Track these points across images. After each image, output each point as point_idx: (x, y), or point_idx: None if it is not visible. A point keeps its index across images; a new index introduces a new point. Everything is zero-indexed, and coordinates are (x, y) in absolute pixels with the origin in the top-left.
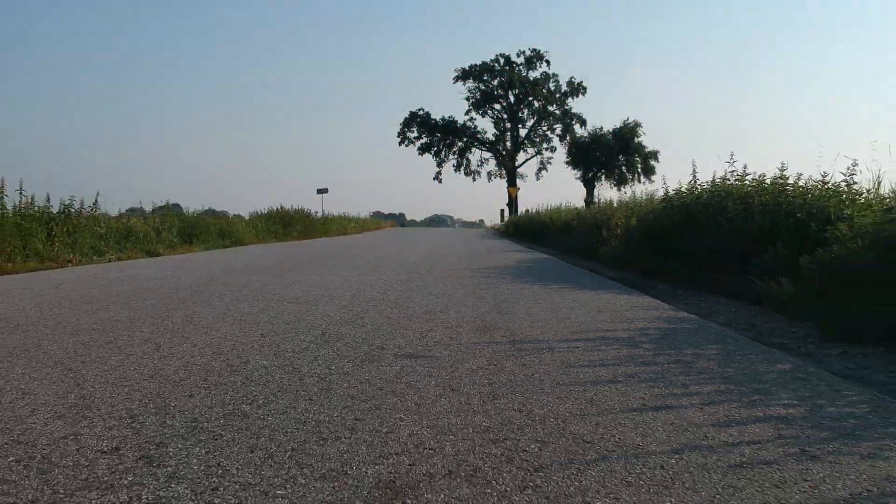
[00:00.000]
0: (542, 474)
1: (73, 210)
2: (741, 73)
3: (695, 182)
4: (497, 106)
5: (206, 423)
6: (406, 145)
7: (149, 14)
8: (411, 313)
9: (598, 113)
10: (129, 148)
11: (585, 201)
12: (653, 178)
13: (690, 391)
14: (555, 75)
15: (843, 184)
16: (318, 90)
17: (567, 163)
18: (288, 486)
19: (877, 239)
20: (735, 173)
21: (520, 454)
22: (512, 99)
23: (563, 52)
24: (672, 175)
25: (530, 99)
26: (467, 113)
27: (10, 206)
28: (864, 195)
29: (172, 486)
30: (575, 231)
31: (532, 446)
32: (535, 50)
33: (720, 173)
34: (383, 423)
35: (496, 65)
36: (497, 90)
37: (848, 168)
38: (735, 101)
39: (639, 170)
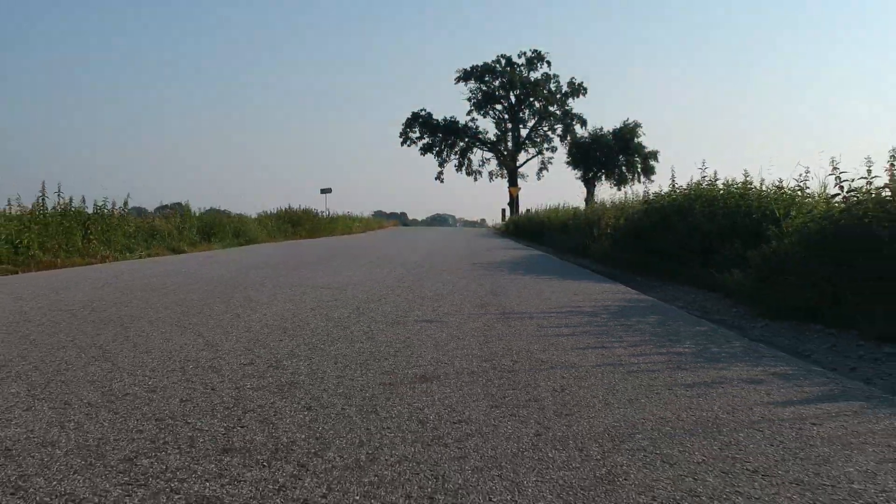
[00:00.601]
0: (511, 373)
1: (106, 210)
2: (741, 73)
3: (673, 186)
4: (498, 106)
5: (299, 353)
6: (408, 145)
7: (149, 14)
8: (423, 295)
9: (599, 113)
10: (129, 148)
11: (585, 201)
12: (652, 177)
13: (623, 340)
14: (555, 76)
15: (798, 189)
16: (317, 90)
17: (567, 163)
18: (363, 377)
19: (801, 236)
20: (707, 179)
21: (500, 365)
22: (513, 99)
23: (563, 53)
24: (670, 175)
25: (531, 99)
26: (469, 113)
27: (49, 207)
28: (812, 199)
29: (296, 377)
30: (570, 230)
31: (508, 363)
32: (535, 51)
33: (700, 178)
34: (413, 352)
35: (497, 65)
36: (498, 91)
37: (800, 175)
38: (735, 101)
39: (639, 170)
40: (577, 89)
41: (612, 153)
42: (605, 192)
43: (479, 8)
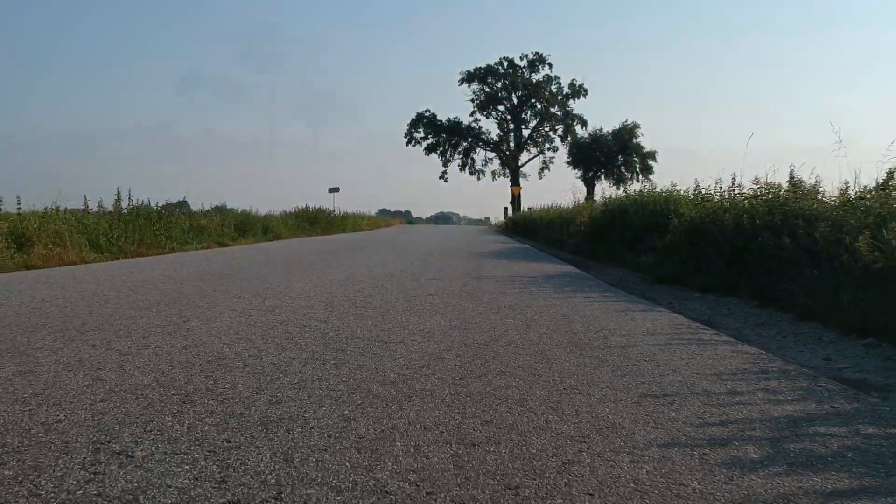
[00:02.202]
0: (473, 295)
1: (167, 210)
2: (741, 73)
3: (625, 193)
4: (501, 107)
5: (367, 288)
6: (413, 145)
7: (149, 13)
8: (430, 268)
9: (599, 114)
10: (130, 147)
11: (585, 200)
12: (651, 177)
13: (540, 286)
14: (556, 78)
15: (708, 195)
16: (317, 90)
17: (568, 163)
18: (403, 293)
19: (681, 229)
20: (646, 188)
21: (468, 293)
22: (515, 101)
23: (563, 53)
24: (669, 175)
25: (533, 101)
26: (472, 114)
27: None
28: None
29: (372, 293)
30: (556, 227)
31: (473, 291)
32: (537, 53)
33: (642, 187)
34: (426, 289)
35: (500, 68)
36: (501, 92)
37: (709, 185)
38: (735, 100)
39: (637, 169)
40: (577, 90)
41: (612, 153)
42: (605, 191)
43: (478, 9)
